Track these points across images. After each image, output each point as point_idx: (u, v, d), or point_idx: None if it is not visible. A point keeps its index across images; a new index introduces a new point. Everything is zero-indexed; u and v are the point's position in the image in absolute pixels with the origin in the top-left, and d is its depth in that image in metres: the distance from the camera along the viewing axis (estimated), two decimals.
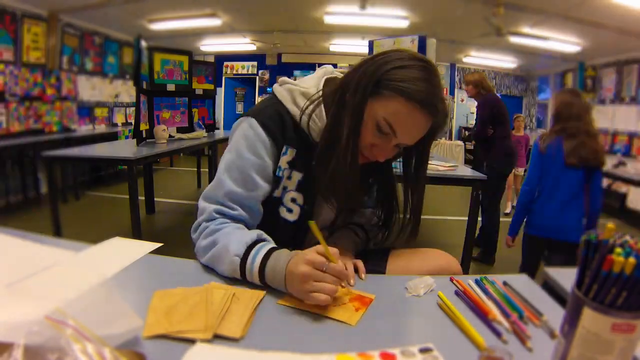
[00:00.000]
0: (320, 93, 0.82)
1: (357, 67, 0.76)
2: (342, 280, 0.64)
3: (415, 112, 0.71)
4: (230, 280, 0.70)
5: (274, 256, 0.67)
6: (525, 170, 4.23)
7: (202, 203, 0.80)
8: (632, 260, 0.39)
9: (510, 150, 3.01)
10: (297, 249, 0.69)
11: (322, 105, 0.81)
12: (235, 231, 0.75)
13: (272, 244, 0.72)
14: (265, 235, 0.75)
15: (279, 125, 0.80)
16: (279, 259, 0.66)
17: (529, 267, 1.92)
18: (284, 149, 0.81)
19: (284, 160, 0.81)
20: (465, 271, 1.97)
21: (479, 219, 2.36)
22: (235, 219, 0.79)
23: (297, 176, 0.83)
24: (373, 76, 0.72)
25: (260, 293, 0.64)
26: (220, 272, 0.71)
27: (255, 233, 0.73)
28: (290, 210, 0.84)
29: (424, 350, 0.51)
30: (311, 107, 0.80)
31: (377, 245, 0.96)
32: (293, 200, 0.84)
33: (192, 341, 0.50)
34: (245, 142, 0.79)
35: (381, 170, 0.88)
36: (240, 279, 0.69)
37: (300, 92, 0.83)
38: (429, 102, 0.70)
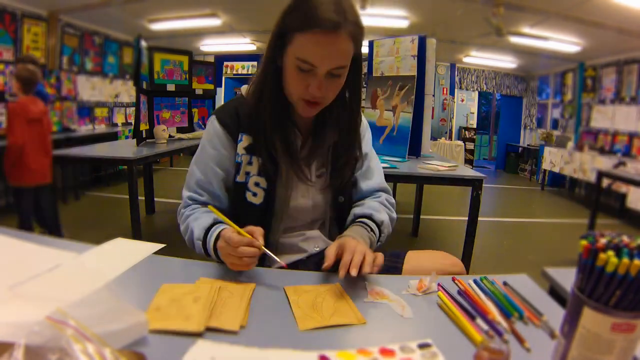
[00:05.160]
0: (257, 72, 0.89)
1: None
2: (247, 249, 0.69)
3: (318, 36, 0.72)
4: (220, 274, 0.71)
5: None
6: None
7: (183, 192, 0.93)
8: (625, 260, 0.39)
9: None
10: (265, 233, 0.76)
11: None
12: (200, 216, 0.85)
13: (224, 226, 0.79)
14: (220, 219, 0.81)
15: (234, 116, 0.88)
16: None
17: None
18: (239, 137, 0.88)
19: (240, 147, 0.88)
20: (465, 271, 1.97)
21: None
22: (204, 204, 0.89)
23: (257, 161, 0.88)
24: (275, 33, 0.80)
25: (251, 285, 0.67)
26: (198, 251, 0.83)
27: (211, 218, 0.82)
28: (255, 194, 0.89)
29: (423, 346, 0.52)
30: (252, 87, 0.89)
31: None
32: (257, 184, 0.89)
33: (192, 335, 0.50)
34: (207, 137, 0.91)
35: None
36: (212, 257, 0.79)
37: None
38: (326, 19, 0.71)
